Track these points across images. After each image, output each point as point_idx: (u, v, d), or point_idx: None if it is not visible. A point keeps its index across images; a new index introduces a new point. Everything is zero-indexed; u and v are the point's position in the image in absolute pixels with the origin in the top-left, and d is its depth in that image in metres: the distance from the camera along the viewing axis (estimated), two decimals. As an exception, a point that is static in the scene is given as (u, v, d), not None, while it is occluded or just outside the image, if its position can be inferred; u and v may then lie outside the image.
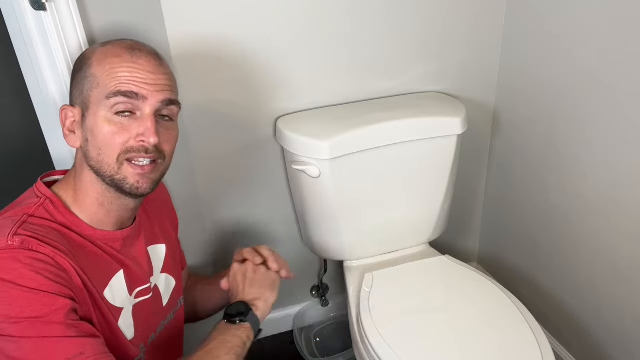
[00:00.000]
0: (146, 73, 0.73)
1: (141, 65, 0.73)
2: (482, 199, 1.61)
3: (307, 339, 1.49)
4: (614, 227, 1.13)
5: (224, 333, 0.79)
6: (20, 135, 1.40)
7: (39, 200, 0.72)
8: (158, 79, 0.74)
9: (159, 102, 0.73)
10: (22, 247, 0.64)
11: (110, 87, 0.71)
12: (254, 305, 0.85)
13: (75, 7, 0.82)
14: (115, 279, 0.77)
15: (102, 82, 0.71)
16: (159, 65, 0.75)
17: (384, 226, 1.26)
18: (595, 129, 1.12)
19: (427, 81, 1.34)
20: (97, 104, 0.72)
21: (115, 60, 0.72)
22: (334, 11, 1.17)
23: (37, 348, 0.61)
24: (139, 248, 0.84)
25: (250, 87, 1.19)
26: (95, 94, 0.72)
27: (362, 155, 1.13)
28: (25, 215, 0.69)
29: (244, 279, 0.90)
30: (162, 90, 0.74)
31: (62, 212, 0.73)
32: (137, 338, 0.81)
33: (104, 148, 0.72)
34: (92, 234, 0.75)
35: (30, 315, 0.61)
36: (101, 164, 0.72)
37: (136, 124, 0.72)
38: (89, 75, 0.73)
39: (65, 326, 0.63)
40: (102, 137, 0.71)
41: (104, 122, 0.71)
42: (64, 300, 0.64)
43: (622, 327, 1.16)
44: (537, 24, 1.23)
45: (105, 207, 0.76)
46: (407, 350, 0.96)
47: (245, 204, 1.33)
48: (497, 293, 1.10)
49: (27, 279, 0.62)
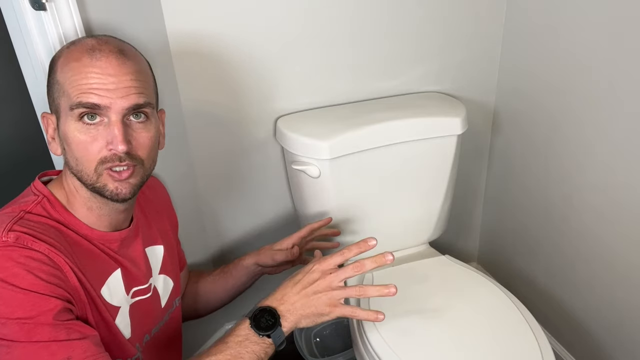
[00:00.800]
0: (106, 77, 0.67)
1: (101, 69, 0.67)
2: (482, 199, 1.61)
3: (307, 339, 1.49)
4: (613, 227, 1.13)
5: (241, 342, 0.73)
6: (19, 135, 1.39)
7: (37, 198, 0.72)
8: (121, 81, 0.68)
9: (124, 109, 0.68)
10: (17, 244, 0.63)
11: (72, 97, 0.67)
12: (284, 317, 0.77)
13: (75, 7, 0.82)
14: (112, 277, 0.77)
15: (66, 91, 0.68)
16: (122, 64, 0.68)
17: (383, 226, 1.26)
18: (595, 129, 1.12)
19: (427, 81, 1.34)
20: (65, 113, 0.69)
21: (74, 66, 0.67)
22: (335, 11, 1.17)
23: (24, 353, 0.60)
24: (136, 249, 0.83)
25: (250, 87, 1.19)
26: (63, 103, 0.69)
27: (362, 155, 1.13)
28: (22, 212, 0.68)
29: (303, 287, 0.79)
30: (126, 95, 0.68)
31: (59, 210, 0.73)
32: (133, 338, 0.81)
33: (80, 159, 0.69)
34: (89, 233, 0.74)
35: (20, 316, 0.61)
36: (80, 173, 0.70)
37: (106, 131, 0.68)
38: (55, 82, 0.70)
39: (54, 328, 0.62)
40: (76, 148, 0.69)
41: (74, 132, 0.68)
42: (55, 300, 0.63)
43: (622, 327, 1.16)
44: (537, 24, 1.23)
45: (94, 211, 0.75)
46: (407, 350, 0.96)
47: (245, 203, 1.33)
48: (497, 293, 1.10)
49: (20, 278, 0.61)
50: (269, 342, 0.75)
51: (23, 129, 1.36)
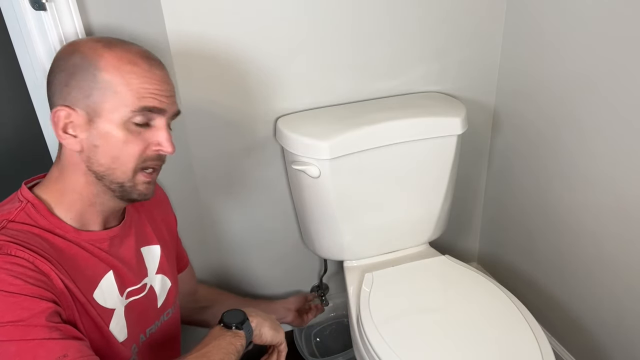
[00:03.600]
0: (163, 84, 0.74)
1: (158, 76, 0.73)
2: (482, 199, 1.61)
3: (307, 339, 1.49)
4: (613, 228, 1.13)
5: (218, 338, 0.78)
6: (19, 135, 1.39)
7: (21, 204, 0.71)
8: (170, 90, 0.75)
9: (172, 115, 0.76)
10: (1, 252, 0.63)
11: (134, 99, 0.70)
12: (251, 316, 0.85)
13: (75, 7, 0.82)
14: (104, 280, 0.76)
15: (121, 92, 0.70)
16: (167, 74, 0.76)
17: (384, 226, 1.26)
18: (594, 129, 1.12)
19: (427, 81, 1.34)
20: (113, 111, 0.70)
21: (133, 70, 0.71)
22: (335, 11, 1.17)
23: (19, 351, 0.60)
24: (128, 248, 0.83)
25: (250, 87, 1.19)
26: (112, 102, 0.70)
27: (362, 155, 1.13)
28: (4, 221, 0.68)
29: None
30: (174, 102, 0.76)
31: (44, 215, 0.72)
32: (129, 339, 0.81)
33: (122, 157, 0.72)
34: (76, 237, 0.74)
35: (12, 319, 0.61)
36: (114, 170, 0.72)
37: (150, 133, 0.74)
38: (102, 81, 0.70)
39: (48, 328, 0.62)
40: (119, 146, 0.71)
41: (121, 130, 0.71)
42: (45, 303, 0.63)
43: (621, 327, 1.16)
44: (537, 24, 1.23)
45: (96, 207, 0.75)
46: (407, 350, 0.96)
47: (245, 204, 1.33)
48: (497, 293, 1.10)
49: (7, 283, 0.61)
50: (242, 334, 0.81)
51: (23, 129, 1.36)
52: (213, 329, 0.81)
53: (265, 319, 0.87)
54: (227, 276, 1.40)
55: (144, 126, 0.73)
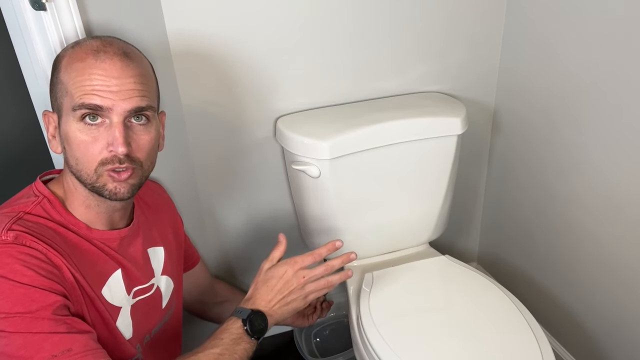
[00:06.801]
0: (110, 79, 0.68)
1: (105, 70, 0.68)
2: (482, 199, 1.61)
3: (307, 339, 1.49)
4: (612, 228, 1.13)
5: (236, 341, 0.78)
6: (19, 135, 1.39)
7: (37, 199, 0.73)
8: (124, 84, 0.69)
9: (125, 112, 0.69)
10: (16, 242, 0.64)
11: (75, 98, 0.68)
12: (270, 317, 0.85)
13: (75, 7, 0.82)
14: (112, 277, 0.77)
15: (69, 91, 0.69)
16: (126, 67, 0.69)
17: (384, 226, 1.26)
18: (594, 130, 1.12)
19: (427, 81, 1.34)
20: (67, 112, 0.69)
21: (79, 67, 0.68)
22: (335, 11, 1.17)
23: (25, 343, 0.61)
24: (136, 249, 0.84)
25: (251, 87, 1.19)
26: (65, 102, 0.69)
27: (362, 155, 1.13)
28: (21, 213, 0.69)
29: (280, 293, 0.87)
30: (129, 97, 0.69)
31: (59, 210, 0.73)
32: (134, 338, 0.81)
33: (81, 159, 0.70)
34: (88, 234, 0.75)
35: (21, 310, 0.62)
36: (80, 172, 0.71)
37: (106, 132, 0.69)
38: (59, 82, 0.70)
39: (54, 322, 0.63)
40: (76, 148, 0.70)
41: (75, 132, 0.69)
42: (55, 296, 0.64)
43: (621, 327, 1.16)
44: (537, 25, 1.23)
45: (92, 209, 0.76)
46: (407, 350, 0.96)
47: (245, 203, 1.33)
48: (497, 293, 1.10)
49: (19, 274, 0.63)
50: (255, 343, 0.81)
51: (23, 129, 1.36)
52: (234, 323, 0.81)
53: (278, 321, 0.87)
54: (227, 276, 1.40)
55: (99, 124, 0.69)
